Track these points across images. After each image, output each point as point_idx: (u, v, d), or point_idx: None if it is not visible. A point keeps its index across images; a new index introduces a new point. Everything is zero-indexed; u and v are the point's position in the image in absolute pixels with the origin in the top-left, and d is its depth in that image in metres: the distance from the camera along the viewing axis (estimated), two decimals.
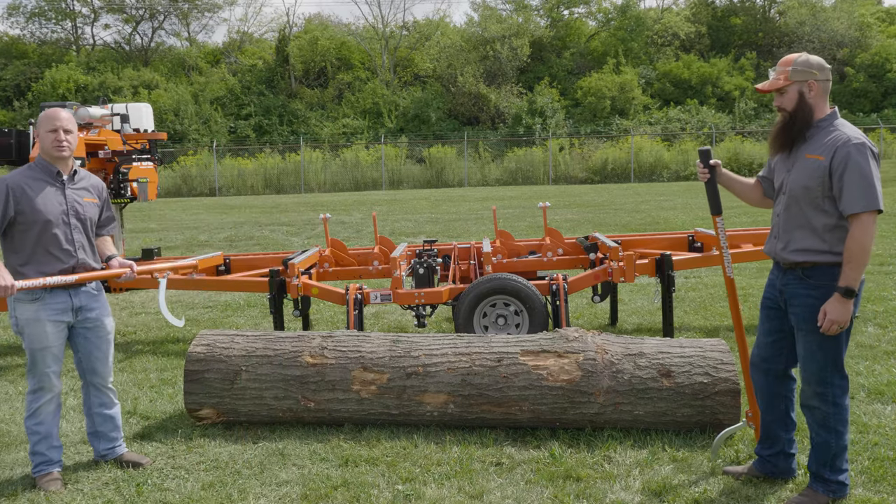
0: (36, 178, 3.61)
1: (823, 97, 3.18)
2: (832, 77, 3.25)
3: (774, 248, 3.29)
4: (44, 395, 3.69)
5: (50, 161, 3.64)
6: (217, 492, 3.54)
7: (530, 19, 41.59)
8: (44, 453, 3.69)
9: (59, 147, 3.59)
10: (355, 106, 38.89)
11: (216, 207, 23.12)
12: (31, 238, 3.54)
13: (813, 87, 3.14)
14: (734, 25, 42.03)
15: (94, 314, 3.76)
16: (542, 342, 4.15)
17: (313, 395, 4.15)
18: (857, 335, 5.81)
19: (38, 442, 3.70)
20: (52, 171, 3.65)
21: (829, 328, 3.06)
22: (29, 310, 3.57)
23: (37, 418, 3.70)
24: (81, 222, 3.69)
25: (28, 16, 44.72)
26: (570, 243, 6.56)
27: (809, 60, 3.16)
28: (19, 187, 3.54)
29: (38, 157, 3.67)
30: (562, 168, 32.03)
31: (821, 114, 3.18)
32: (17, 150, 6.06)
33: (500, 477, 3.60)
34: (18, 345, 6.59)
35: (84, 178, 3.79)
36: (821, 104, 3.17)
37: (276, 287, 5.71)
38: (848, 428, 3.21)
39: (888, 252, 9.61)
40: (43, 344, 3.60)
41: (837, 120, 3.17)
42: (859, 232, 3.01)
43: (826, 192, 3.08)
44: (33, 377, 3.67)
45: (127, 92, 37.33)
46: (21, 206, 3.51)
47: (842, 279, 3.03)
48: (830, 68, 3.20)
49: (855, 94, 36.73)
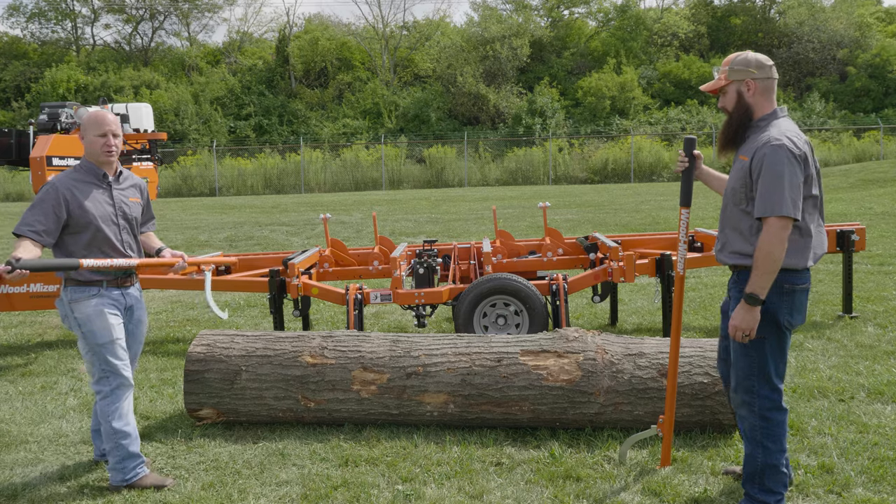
0: (83, 180, 3.60)
1: (764, 95, 3.05)
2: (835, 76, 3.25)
3: (715, 250, 3.28)
4: (124, 391, 3.60)
5: (97, 164, 3.65)
6: (217, 492, 3.54)
7: (530, 19, 41.60)
8: (138, 454, 3.62)
9: (109, 152, 3.61)
10: (355, 106, 38.91)
11: (216, 207, 23.12)
12: (82, 241, 3.54)
13: (751, 86, 3.05)
14: (734, 25, 42.04)
15: (139, 314, 3.79)
16: (543, 342, 4.15)
17: (313, 395, 4.15)
18: (857, 335, 5.82)
19: (131, 443, 3.59)
20: (98, 173, 3.65)
21: (733, 334, 2.99)
22: (90, 305, 3.53)
23: (124, 418, 3.59)
24: (128, 222, 3.73)
25: (28, 16, 44.77)
26: (570, 243, 6.56)
27: (747, 59, 3.06)
28: (69, 191, 3.53)
29: (84, 159, 3.66)
30: (562, 168, 32.03)
31: (761, 113, 3.08)
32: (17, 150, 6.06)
33: (500, 477, 3.60)
34: (19, 345, 6.59)
35: (128, 177, 3.81)
36: (761, 102, 3.06)
37: (276, 287, 5.71)
38: (782, 448, 3.06)
39: (888, 252, 9.60)
40: (112, 335, 3.55)
41: (777, 119, 3.04)
42: (765, 237, 2.89)
43: (749, 194, 2.99)
44: (108, 376, 3.56)
45: (128, 92, 37.34)
46: (72, 209, 3.52)
47: (748, 284, 2.94)
48: (773, 65, 3.07)
49: (855, 94, 36.74)
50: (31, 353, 6.24)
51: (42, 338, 6.86)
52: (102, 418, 3.57)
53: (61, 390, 5.17)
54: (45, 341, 6.71)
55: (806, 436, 3.92)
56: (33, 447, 4.15)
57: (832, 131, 33.56)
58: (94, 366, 3.56)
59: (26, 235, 3.40)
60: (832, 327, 6.11)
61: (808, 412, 4.24)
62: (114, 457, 3.57)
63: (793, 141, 2.92)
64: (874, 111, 35.42)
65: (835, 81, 37.84)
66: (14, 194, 30.69)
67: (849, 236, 6.22)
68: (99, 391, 3.58)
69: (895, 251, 9.67)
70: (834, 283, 7.88)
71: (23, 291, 5.87)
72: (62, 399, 4.97)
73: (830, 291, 7.50)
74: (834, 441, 3.84)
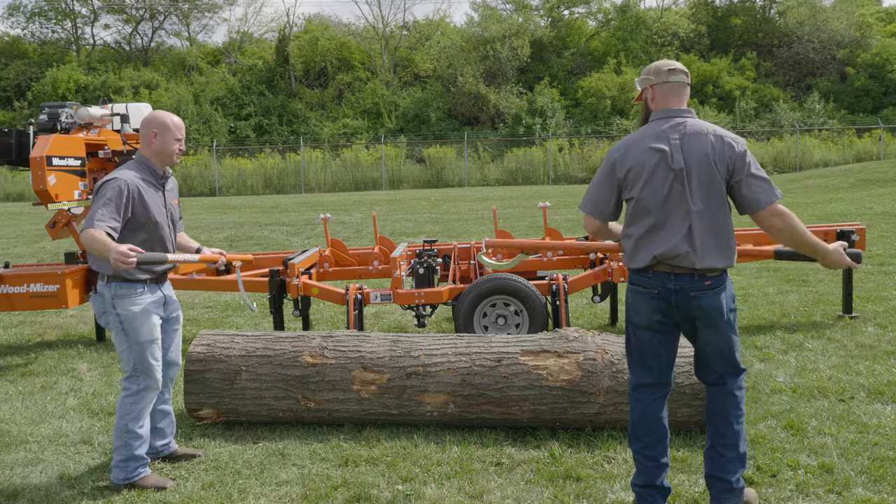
0: (145, 179, 3.62)
1: (665, 100, 3.13)
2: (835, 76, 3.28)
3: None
4: (149, 394, 3.62)
5: (158, 164, 3.68)
6: (217, 492, 3.54)
7: (530, 19, 41.59)
8: (143, 456, 3.63)
9: (178, 156, 3.70)
10: (355, 106, 38.90)
11: (216, 207, 23.11)
12: (139, 238, 3.55)
13: (652, 92, 3.17)
14: (734, 25, 42.04)
15: (175, 307, 3.83)
16: (542, 342, 4.15)
17: (313, 394, 4.15)
18: (857, 335, 5.82)
19: (140, 446, 3.60)
20: (158, 174, 3.70)
21: None
22: (135, 303, 3.55)
23: (141, 420, 3.60)
24: (173, 223, 3.82)
25: (28, 16, 44.75)
26: None
27: (649, 67, 3.20)
28: (136, 188, 3.55)
29: (145, 158, 3.67)
30: (562, 168, 32.02)
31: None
32: (17, 150, 6.05)
33: (500, 477, 3.60)
34: (19, 345, 6.59)
35: (170, 178, 3.85)
36: (660, 106, 3.16)
37: (276, 287, 5.71)
38: (632, 434, 3.23)
39: (888, 252, 9.60)
40: (153, 335, 3.59)
41: (650, 122, 3.16)
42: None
43: None
44: (140, 375, 3.58)
45: (128, 92, 37.34)
46: (136, 207, 3.54)
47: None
48: (671, 69, 3.11)
49: (855, 94, 36.74)
50: (31, 353, 6.24)
51: (42, 338, 6.85)
52: (120, 415, 3.59)
53: (61, 390, 5.17)
54: (45, 341, 6.71)
55: (806, 436, 3.92)
56: (33, 447, 4.15)
57: (832, 131, 33.56)
58: (129, 362, 3.59)
59: (103, 230, 3.36)
60: (832, 327, 6.11)
61: (808, 412, 4.24)
62: (119, 454, 3.59)
63: (617, 145, 3.20)
64: (874, 111, 35.41)
65: (835, 81, 37.82)
66: (14, 194, 30.68)
67: (849, 236, 6.22)
68: (127, 388, 3.60)
69: (895, 251, 9.68)
70: (834, 283, 7.88)
71: (23, 291, 5.87)
72: (62, 399, 4.97)
73: (830, 291, 7.50)
74: (834, 441, 3.84)
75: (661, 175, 3.02)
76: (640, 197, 3.07)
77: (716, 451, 3.16)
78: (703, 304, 3.02)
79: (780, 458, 3.66)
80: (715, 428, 3.17)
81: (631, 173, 3.08)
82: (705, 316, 3.05)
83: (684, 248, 3.00)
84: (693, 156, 3.00)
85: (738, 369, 3.20)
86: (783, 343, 5.69)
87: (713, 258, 3.00)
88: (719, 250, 3.02)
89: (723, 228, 3.03)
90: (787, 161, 30.61)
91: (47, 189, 5.59)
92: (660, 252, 3.02)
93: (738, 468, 3.14)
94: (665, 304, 3.07)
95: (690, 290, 3.02)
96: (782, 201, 3.04)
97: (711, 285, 3.02)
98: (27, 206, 24.39)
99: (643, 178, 3.05)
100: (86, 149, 6.15)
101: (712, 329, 3.08)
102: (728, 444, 3.15)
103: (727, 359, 3.16)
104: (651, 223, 3.06)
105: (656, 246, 3.04)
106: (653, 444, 3.16)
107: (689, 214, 3.01)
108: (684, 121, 3.08)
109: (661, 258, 3.03)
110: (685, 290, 3.02)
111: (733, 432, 3.14)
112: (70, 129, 6.08)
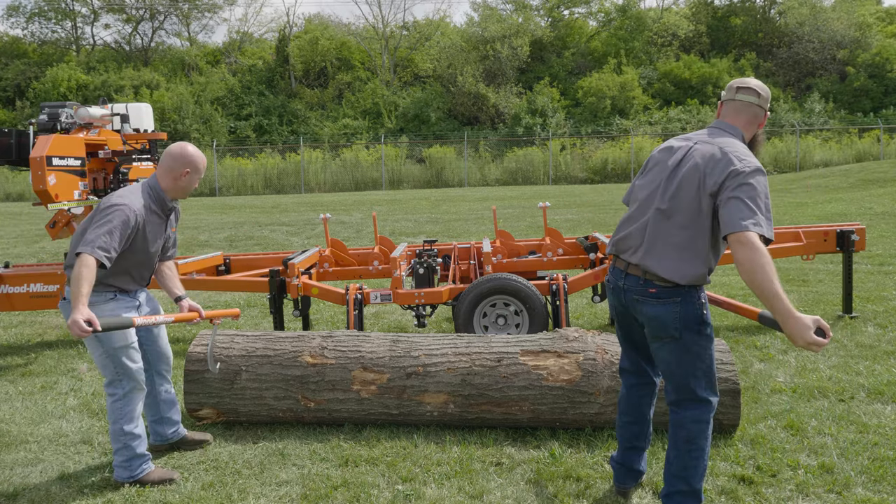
0: (152, 209, 3.59)
1: (724, 114, 3.06)
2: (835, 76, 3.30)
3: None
4: (137, 395, 3.61)
5: (171, 197, 3.65)
6: (217, 492, 3.54)
7: (530, 19, 41.60)
8: (145, 453, 3.64)
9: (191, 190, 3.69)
10: (355, 106, 38.90)
11: (216, 207, 23.11)
12: (123, 262, 3.50)
13: (721, 106, 3.10)
14: (734, 25, 42.05)
15: (152, 307, 3.82)
16: (543, 342, 4.15)
17: (313, 394, 4.15)
18: (857, 335, 5.82)
19: (139, 444, 3.61)
20: (167, 206, 3.67)
21: None
22: (106, 309, 3.52)
23: (134, 422, 3.60)
24: (163, 250, 3.80)
25: (28, 16, 44.75)
26: (570, 243, 6.56)
27: (730, 83, 3.09)
28: (142, 219, 3.51)
29: (161, 189, 3.61)
30: (562, 168, 32.03)
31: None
32: (17, 150, 6.05)
33: (500, 477, 3.60)
34: (19, 345, 6.59)
35: (176, 208, 3.81)
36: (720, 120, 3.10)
37: (276, 287, 5.70)
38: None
39: (888, 252, 9.61)
40: (128, 340, 3.57)
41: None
42: None
43: None
44: (122, 379, 3.56)
45: (128, 92, 37.34)
46: (136, 238, 3.51)
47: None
48: (742, 87, 2.99)
49: (855, 94, 36.74)
50: (31, 353, 6.24)
51: (42, 338, 6.85)
52: (112, 419, 3.58)
53: (61, 390, 5.17)
54: (45, 341, 6.71)
55: (806, 436, 3.92)
56: (33, 447, 4.15)
57: (832, 131, 33.55)
58: (108, 368, 3.56)
59: (100, 260, 3.29)
60: (832, 327, 6.11)
61: (808, 412, 4.25)
62: (121, 455, 3.59)
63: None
64: (874, 111, 35.41)
65: (835, 81, 37.83)
66: (14, 194, 30.68)
67: (849, 236, 6.22)
68: (112, 393, 3.58)
69: (895, 251, 9.68)
70: (834, 283, 7.88)
71: (23, 291, 5.87)
72: (62, 399, 4.97)
73: (830, 291, 7.50)
74: (834, 441, 3.84)
75: (659, 170, 3.03)
76: (635, 184, 3.15)
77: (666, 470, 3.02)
78: (645, 312, 2.94)
79: (780, 458, 3.66)
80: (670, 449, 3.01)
81: (648, 163, 3.15)
82: (649, 325, 2.96)
83: (635, 242, 2.98)
84: (690, 160, 2.90)
85: (696, 399, 2.94)
86: (783, 343, 5.69)
87: (656, 263, 2.88)
88: (668, 259, 2.86)
89: (684, 243, 2.85)
90: (788, 161, 30.63)
91: (47, 189, 5.59)
92: (616, 238, 3.08)
93: (685, 502, 2.96)
94: (618, 302, 3.12)
95: (635, 293, 2.96)
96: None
97: (657, 294, 2.89)
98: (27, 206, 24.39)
99: (647, 168, 3.12)
100: (86, 149, 6.15)
101: (657, 342, 2.96)
102: (672, 473, 2.98)
103: (677, 382, 2.95)
104: (631, 211, 3.09)
105: (618, 233, 3.09)
106: (628, 425, 3.28)
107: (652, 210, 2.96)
108: (721, 133, 2.96)
109: (616, 246, 3.07)
110: (631, 292, 2.99)
111: (682, 464, 2.93)
112: (70, 129, 6.08)
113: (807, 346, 2.53)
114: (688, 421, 2.94)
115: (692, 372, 2.92)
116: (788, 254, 6.35)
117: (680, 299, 2.87)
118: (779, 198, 18.79)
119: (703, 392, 2.94)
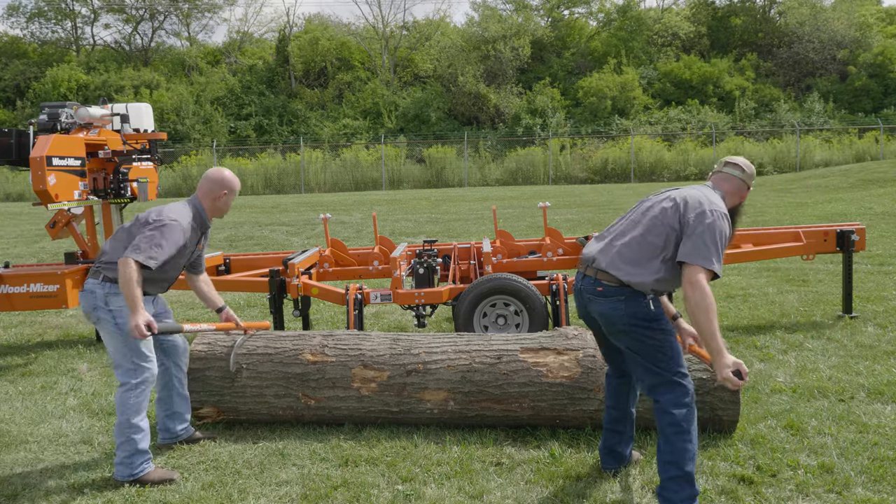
0: (194, 227, 3.82)
1: (714, 181, 3.39)
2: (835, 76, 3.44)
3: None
4: (148, 387, 3.66)
5: (209, 215, 3.90)
6: (217, 492, 3.54)
7: (530, 19, 41.61)
8: (146, 450, 3.66)
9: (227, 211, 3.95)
10: (355, 106, 38.90)
11: None
12: (158, 271, 3.65)
13: (713, 177, 3.41)
14: (734, 25, 42.05)
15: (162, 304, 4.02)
16: (542, 340, 4.15)
17: (314, 392, 4.15)
18: (857, 335, 5.82)
19: (142, 439, 3.63)
20: (206, 225, 3.92)
21: None
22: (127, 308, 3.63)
23: (142, 413, 3.64)
24: (194, 264, 4.07)
25: (28, 16, 44.77)
26: (570, 243, 6.55)
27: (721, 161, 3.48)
28: (188, 236, 3.74)
29: (203, 209, 3.87)
30: (562, 168, 32.03)
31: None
32: (17, 150, 6.05)
33: (500, 477, 3.60)
34: (19, 345, 6.59)
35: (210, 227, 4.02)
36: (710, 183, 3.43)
37: (276, 287, 5.70)
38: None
39: (888, 252, 9.60)
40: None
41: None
42: None
43: None
44: (137, 368, 3.63)
45: (128, 92, 37.35)
46: (179, 251, 3.70)
47: None
48: (728, 162, 3.36)
49: (855, 94, 36.74)
50: (31, 353, 6.24)
51: (42, 338, 6.86)
52: (120, 410, 3.60)
53: (61, 390, 5.17)
54: (45, 341, 6.71)
55: (806, 436, 3.92)
56: (33, 447, 4.15)
57: (832, 131, 33.56)
58: (125, 357, 3.62)
59: (147, 266, 3.50)
60: (832, 327, 6.11)
61: (808, 412, 4.24)
62: (123, 451, 3.60)
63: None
64: (874, 111, 35.41)
65: (835, 81, 37.82)
66: (14, 194, 30.69)
67: (849, 236, 6.22)
68: (125, 383, 3.62)
69: (895, 251, 9.67)
70: (834, 283, 7.88)
71: (23, 291, 5.87)
72: (62, 399, 4.97)
73: (830, 291, 7.50)
74: (834, 441, 3.84)
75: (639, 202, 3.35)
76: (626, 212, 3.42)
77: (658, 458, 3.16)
78: (596, 309, 3.21)
79: (780, 458, 3.66)
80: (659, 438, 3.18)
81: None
82: (602, 321, 3.22)
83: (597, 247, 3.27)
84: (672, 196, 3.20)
85: (668, 382, 3.12)
86: (783, 343, 5.69)
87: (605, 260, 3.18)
88: (619, 261, 3.13)
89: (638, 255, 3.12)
90: (788, 161, 30.62)
91: (47, 189, 5.59)
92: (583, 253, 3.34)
93: (680, 487, 3.07)
94: (579, 304, 3.35)
95: (587, 292, 3.24)
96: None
97: (604, 293, 3.15)
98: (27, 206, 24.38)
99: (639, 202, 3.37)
100: (86, 149, 6.15)
101: (615, 336, 3.22)
102: (663, 461, 3.12)
103: (644, 369, 3.17)
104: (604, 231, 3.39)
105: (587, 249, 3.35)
106: (610, 409, 3.53)
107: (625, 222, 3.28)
108: (706, 188, 3.29)
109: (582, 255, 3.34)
110: (584, 292, 3.27)
111: (671, 449, 3.09)
112: (70, 129, 6.08)
113: (723, 381, 2.97)
114: (668, 405, 3.12)
115: (654, 361, 3.14)
116: (788, 254, 6.35)
117: (624, 297, 3.12)
118: (779, 198, 18.79)
119: (672, 376, 3.14)
